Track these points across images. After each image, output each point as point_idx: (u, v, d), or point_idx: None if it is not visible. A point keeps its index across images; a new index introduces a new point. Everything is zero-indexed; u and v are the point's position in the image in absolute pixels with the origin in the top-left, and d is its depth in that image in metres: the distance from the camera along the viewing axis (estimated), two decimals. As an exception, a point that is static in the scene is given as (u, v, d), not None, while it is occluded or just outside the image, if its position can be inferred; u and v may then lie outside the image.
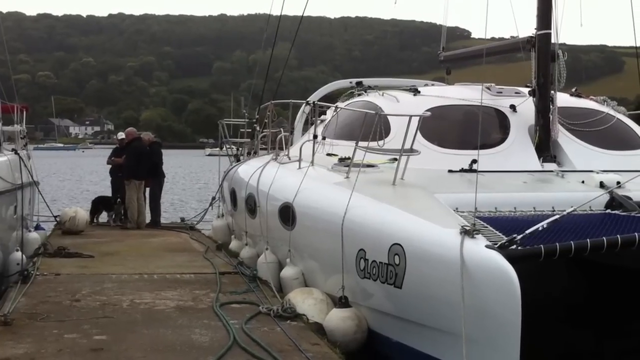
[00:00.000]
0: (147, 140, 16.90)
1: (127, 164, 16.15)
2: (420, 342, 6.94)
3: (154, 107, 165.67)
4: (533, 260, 6.49)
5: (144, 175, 16.34)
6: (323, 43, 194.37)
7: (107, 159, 17.44)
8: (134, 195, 16.01)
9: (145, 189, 16.66)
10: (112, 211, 16.75)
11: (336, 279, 8.00)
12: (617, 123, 11.90)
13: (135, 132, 17.21)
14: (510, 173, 10.02)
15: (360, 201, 8.03)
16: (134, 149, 16.22)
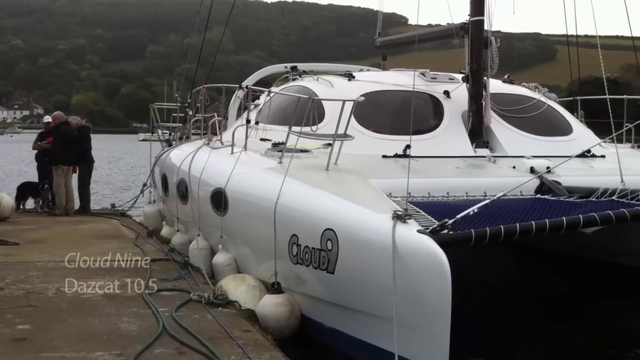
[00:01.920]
0: (75, 124, 16.47)
1: (54, 149, 15.70)
2: (353, 327, 6.92)
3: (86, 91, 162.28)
4: (464, 244, 6.53)
5: (72, 160, 15.93)
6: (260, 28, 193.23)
7: (33, 144, 16.91)
8: (62, 181, 15.59)
9: (74, 174, 16.24)
10: (39, 197, 16.27)
11: (269, 265, 7.91)
12: (548, 109, 12.11)
13: (63, 116, 16.74)
14: (443, 158, 10.09)
15: (293, 186, 7.96)
16: (61, 133, 15.77)
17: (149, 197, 15.41)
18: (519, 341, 7.80)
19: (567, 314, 9.05)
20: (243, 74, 16.23)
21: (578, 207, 8.18)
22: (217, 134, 11.60)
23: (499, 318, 8.77)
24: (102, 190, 26.77)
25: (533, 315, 8.94)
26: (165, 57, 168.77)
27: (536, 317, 8.86)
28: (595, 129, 12.20)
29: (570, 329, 8.35)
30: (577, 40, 12.37)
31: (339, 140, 8.66)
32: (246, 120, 10.04)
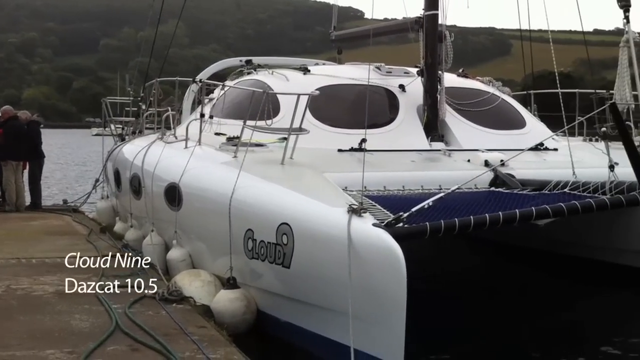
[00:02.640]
0: (24, 119, 16.13)
1: (3, 144, 15.36)
2: (309, 321, 6.90)
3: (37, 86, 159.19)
4: (419, 237, 6.56)
5: (22, 155, 15.62)
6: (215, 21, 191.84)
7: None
8: (12, 177, 15.28)
9: (24, 170, 15.92)
10: (-13, 193, 15.91)
11: (224, 260, 7.85)
12: (501, 103, 12.24)
13: (12, 110, 16.34)
14: (399, 152, 10.15)
15: (248, 181, 7.89)
16: (10, 128, 15.42)
17: (101, 192, 15.19)
18: (475, 334, 7.85)
19: (521, 305, 9.15)
20: (198, 67, 16.05)
21: (531, 199, 8.29)
22: (171, 128, 11.46)
23: (455, 311, 8.82)
24: (54, 186, 26.33)
25: (489, 307, 9.02)
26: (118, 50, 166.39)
27: (492, 309, 8.94)
28: (548, 122, 12.37)
29: (524, 320, 8.44)
30: (530, 35, 12.51)
31: (294, 134, 8.63)
32: (200, 115, 9.94)
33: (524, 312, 8.83)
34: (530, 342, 7.67)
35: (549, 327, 8.21)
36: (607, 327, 8.25)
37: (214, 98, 11.71)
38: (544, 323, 8.33)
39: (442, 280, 10.62)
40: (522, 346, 7.54)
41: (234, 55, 15.89)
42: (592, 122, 11.26)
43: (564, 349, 7.47)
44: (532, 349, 7.46)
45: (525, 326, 8.23)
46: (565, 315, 8.69)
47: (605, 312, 8.73)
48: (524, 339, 7.80)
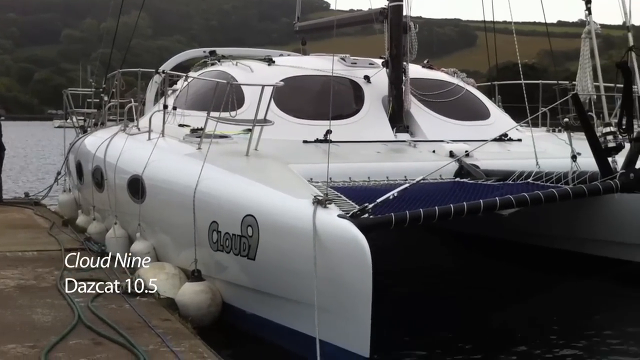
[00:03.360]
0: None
1: (-36, 136, 15.06)
2: (275, 313, 6.88)
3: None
4: (384, 228, 6.57)
5: (-18, 148, 15.31)
6: (179, 12, 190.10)
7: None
8: (-28, 170, 14.99)
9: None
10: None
11: (189, 253, 7.79)
12: (466, 94, 12.31)
13: (-28, 102, 16.07)
14: (364, 143, 10.15)
15: (213, 172, 7.84)
16: (-31, 120, 15.14)
17: (63, 185, 14.98)
18: (441, 324, 7.88)
19: (486, 295, 9.22)
20: (162, 59, 15.88)
21: (495, 189, 8.34)
22: (134, 120, 11.34)
23: (421, 302, 8.86)
24: (15, 178, 25.92)
25: (455, 298, 9.07)
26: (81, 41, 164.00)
27: (457, 299, 8.98)
28: (513, 113, 12.46)
29: (490, 309, 8.50)
30: (494, 26, 12.57)
31: (259, 126, 8.57)
32: (163, 106, 9.83)
33: (489, 301, 8.89)
34: (497, 331, 7.73)
35: (514, 316, 8.28)
36: (571, 315, 8.34)
37: (177, 89, 11.59)
38: (510, 312, 8.41)
39: (408, 272, 10.65)
40: (488, 335, 7.59)
41: (199, 47, 15.69)
42: (555, 112, 11.38)
43: (529, 337, 7.53)
44: (498, 338, 7.52)
45: (491, 315, 8.29)
46: (529, 304, 8.77)
47: (569, 301, 8.82)
48: (490, 328, 7.85)
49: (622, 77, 8.23)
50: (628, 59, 8.42)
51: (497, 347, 7.26)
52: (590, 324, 8.15)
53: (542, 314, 8.33)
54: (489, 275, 10.30)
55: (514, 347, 7.24)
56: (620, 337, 7.62)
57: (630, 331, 7.86)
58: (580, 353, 7.12)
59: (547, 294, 9.12)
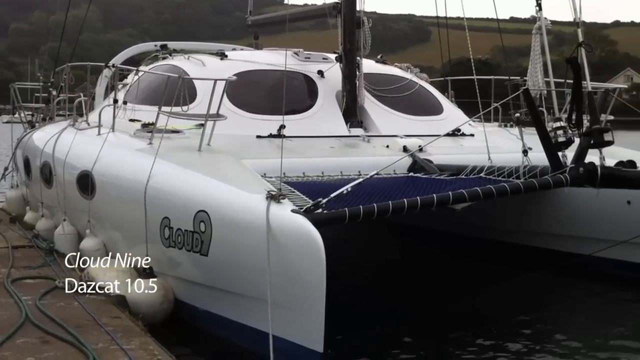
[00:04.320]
0: None
1: None
2: (228, 309, 6.81)
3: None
4: (338, 223, 6.55)
5: None
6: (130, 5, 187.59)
7: None
8: None
9: None
10: None
11: (140, 249, 7.68)
12: (419, 89, 12.36)
13: None
14: (318, 138, 10.13)
15: (164, 168, 7.74)
16: None
17: (11, 181, 14.64)
18: (394, 318, 7.90)
19: (439, 288, 9.28)
20: (113, 52, 15.61)
21: (448, 184, 8.39)
22: (83, 115, 11.13)
23: (374, 296, 8.88)
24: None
25: (408, 292, 9.10)
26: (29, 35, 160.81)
27: (410, 293, 9.02)
28: (466, 108, 12.55)
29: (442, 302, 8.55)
30: (446, 22, 12.64)
31: (212, 121, 8.50)
32: (114, 100, 9.69)
33: (442, 295, 8.96)
34: (449, 323, 7.76)
35: (467, 309, 8.34)
36: (523, 307, 8.44)
37: (128, 84, 11.42)
38: (462, 305, 8.46)
39: (362, 266, 10.67)
40: (440, 328, 7.62)
41: (151, 41, 15.50)
42: (507, 108, 11.47)
43: (481, 329, 7.59)
44: (450, 330, 7.56)
45: (444, 308, 8.33)
46: (482, 296, 8.84)
47: (520, 293, 8.92)
48: (443, 321, 7.89)
49: (572, 73, 8.32)
50: (577, 55, 8.50)
51: (449, 339, 7.31)
52: (540, 316, 8.26)
53: (494, 306, 8.41)
54: (442, 269, 10.37)
55: (466, 339, 7.30)
56: (571, 328, 7.74)
57: (581, 322, 7.98)
58: (532, 344, 7.20)
59: (499, 287, 9.21)
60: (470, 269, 10.24)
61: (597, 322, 7.95)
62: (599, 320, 8.03)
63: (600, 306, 8.60)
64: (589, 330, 7.66)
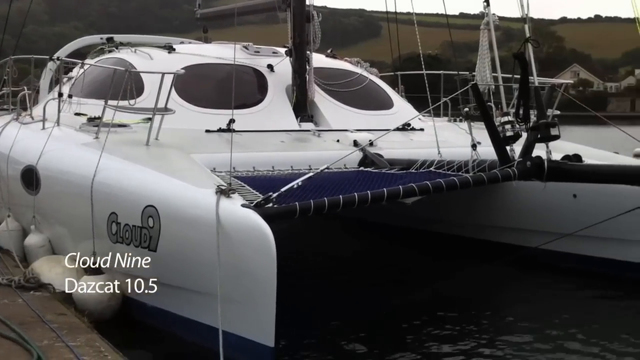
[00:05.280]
0: None
1: None
2: (178, 305, 6.73)
3: None
4: (289, 217, 6.52)
5: None
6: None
7: None
8: None
9: None
10: None
11: (87, 245, 7.56)
12: (370, 84, 12.39)
13: None
14: (268, 133, 10.07)
15: (111, 162, 7.63)
16: None
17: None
18: (346, 312, 7.91)
19: (391, 281, 9.32)
20: (59, 45, 15.31)
21: (398, 178, 8.42)
22: (27, 109, 10.89)
23: (326, 290, 8.87)
24: None
25: (360, 285, 9.12)
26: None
27: (362, 286, 9.04)
28: (415, 103, 12.61)
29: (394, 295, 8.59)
30: (396, 17, 12.68)
31: (159, 115, 8.39)
32: (58, 94, 9.49)
33: (393, 288, 9.01)
34: (399, 316, 7.79)
35: (417, 301, 8.39)
36: (471, 299, 8.54)
37: (74, 77, 11.20)
38: (413, 298, 8.51)
39: (313, 260, 10.66)
40: (391, 321, 7.64)
41: (97, 33, 15.22)
42: (456, 102, 11.57)
43: (432, 321, 7.64)
44: (401, 323, 7.59)
45: (395, 301, 8.37)
46: (432, 289, 8.90)
47: (470, 285, 8.99)
48: (393, 314, 7.92)
49: (519, 68, 8.40)
50: (525, 51, 8.59)
51: (400, 331, 7.33)
52: (489, 307, 8.36)
53: (443, 298, 8.48)
54: (393, 263, 10.43)
55: (417, 331, 7.34)
56: (518, 319, 7.83)
57: (527, 312, 8.08)
58: (481, 334, 7.27)
59: (449, 279, 9.28)
60: (421, 262, 10.32)
61: (543, 312, 8.05)
62: (545, 310, 8.14)
63: (547, 297, 8.73)
64: (536, 320, 7.75)
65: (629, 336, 7.21)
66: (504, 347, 6.95)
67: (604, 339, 7.09)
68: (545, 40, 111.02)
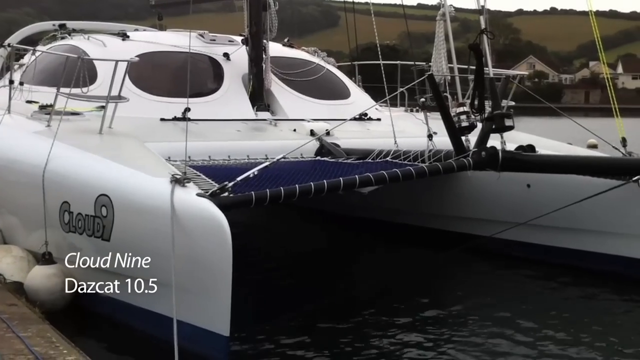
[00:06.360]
0: None
1: None
2: (132, 295, 6.64)
3: None
4: (244, 206, 6.48)
5: None
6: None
7: None
8: None
9: None
10: None
11: (38, 235, 7.43)
12: (327, 74, 12.38)
13: None
14: (224, 122, 10.00)
15: (64, 151, 7.51)
16: None
17: None
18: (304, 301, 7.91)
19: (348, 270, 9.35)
20: (10, 32, 14.99)
21: (355, 168, 8.43)
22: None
23: (284, 280, 8.85)
24: None
25: (318, 275, 9.12)
26: None
27: (321, 276, 9.05)
28: (373, 93, 12.63)
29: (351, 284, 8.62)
30: (354, 7, 12.66)
31: (113, 103, 8.29)
32: (9, 81, 9.32)
33: (350, 276, 9.06)
34: (355, 306, 7.81)
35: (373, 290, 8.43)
36: (426, 286, 8.62)
37: (25, 64, 10.99)
38: (369, 285, 8.55)
39: (270, 249, 10.62)
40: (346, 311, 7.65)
41: (49, 20, 14.93)
42: (413, 93, 11.61)
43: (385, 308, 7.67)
44: (355, 311, 7.60)
45: (350, 290, 8.41)
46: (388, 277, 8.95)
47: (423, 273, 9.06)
48: (349, 303, 7.93)
49: (474, 59, 8.46)
50: (480, 42, 8.65)
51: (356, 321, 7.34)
52: (444, 294, 8.46)
53: (398, 286, 8.52)
54: (350, 252, 10.45)
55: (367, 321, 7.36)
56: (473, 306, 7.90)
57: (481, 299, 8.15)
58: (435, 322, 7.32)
59: (404, 268, 9.34)
60: (377, 252, 10.36)
61: (495, 300, 8.14)
62: (497, 298, 8.23)
63: (500, 286, 8.82)
64: (489, 308, 7.83)
65: (582, 323, 7.33)
66: (453, 336, 6.99)
67: (556, 327, 7.19)
68: (502, 32, 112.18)
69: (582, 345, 6.70)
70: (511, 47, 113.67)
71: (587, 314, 7.75)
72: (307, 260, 10.00)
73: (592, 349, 6.60)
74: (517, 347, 6.64)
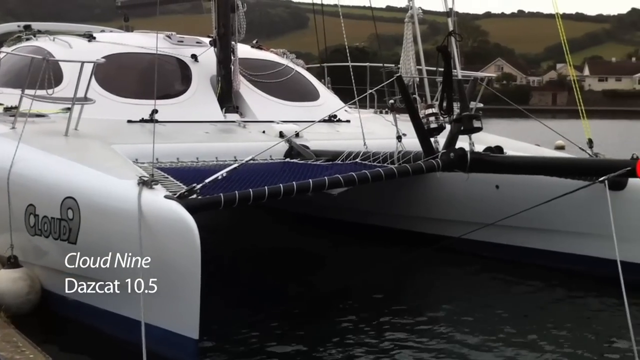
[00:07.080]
0: None
1: None
2: (99, 298, 6.56)
3: None
4: (213, 208, 6.45)
5: None
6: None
7: None
8: None
9: None
10: None
11: (4, 238, 7.33)
12: (296, 75, 12.37)
13: None
14: (192, 123, 9.96)
15: (29, 153, 7.43)
16: None
17: None
18: (269, 303, 7.88)
19: (316, 272, 9.34)
20: (-25, 34, 14.79)
21: (324, 169, 8.42)
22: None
23: (255, 282, 8.82)
24: None
25: (289, 277, 9.09)
26: None
27: (291, 278, 9.02)
28: (342, 94, 12.64)
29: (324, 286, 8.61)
30: (322, 9, 12.67)
31: (79, 104, 8.22)
32: (-28, 83, 9.17)
33: (320, 278, 9.05)
34: (324, 306, 7.80)
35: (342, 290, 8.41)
36: (394, 286, 8.64)
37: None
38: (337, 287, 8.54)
39: (240, 251, 10.57)
40: (317, 312, 7.64)
41: (14, 21, 14.75)
42: (382, 94, 11.64)
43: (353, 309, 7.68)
44: (325, 313, 7.59)
45: (320, 290, 8.39)
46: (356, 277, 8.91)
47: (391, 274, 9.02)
48: (318, 304, 7.91)
49: (443, 61, 8.50)
50: (448, 44, 8.69)
51: (326, 322, 7.33)
52: (412, 295, 8.45)
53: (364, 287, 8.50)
54: (319, 254, 10.44)
55: (343, 320, 7.35)
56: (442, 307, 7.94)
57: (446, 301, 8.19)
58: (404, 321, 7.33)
59: (372, 269, 9.32)
60: (346, 253, 10.35)
61: (464, 300, 8.18)
62: (466, 298, 8.27)
63: (468, 286, 8.87)
64: (459, 308, 7.87)
65: (550, 322, 7.37)
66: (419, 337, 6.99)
67: (524, 326, 7.25)
68: (470, 34, 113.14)
69: (551, 344, 6.74)
70: (479, 49, 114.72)
71: (556, 313, 7.81)
72: (275, 262, 9.97)
73: (560, 347, 6.65)
74: (484, 347, 6.67)
